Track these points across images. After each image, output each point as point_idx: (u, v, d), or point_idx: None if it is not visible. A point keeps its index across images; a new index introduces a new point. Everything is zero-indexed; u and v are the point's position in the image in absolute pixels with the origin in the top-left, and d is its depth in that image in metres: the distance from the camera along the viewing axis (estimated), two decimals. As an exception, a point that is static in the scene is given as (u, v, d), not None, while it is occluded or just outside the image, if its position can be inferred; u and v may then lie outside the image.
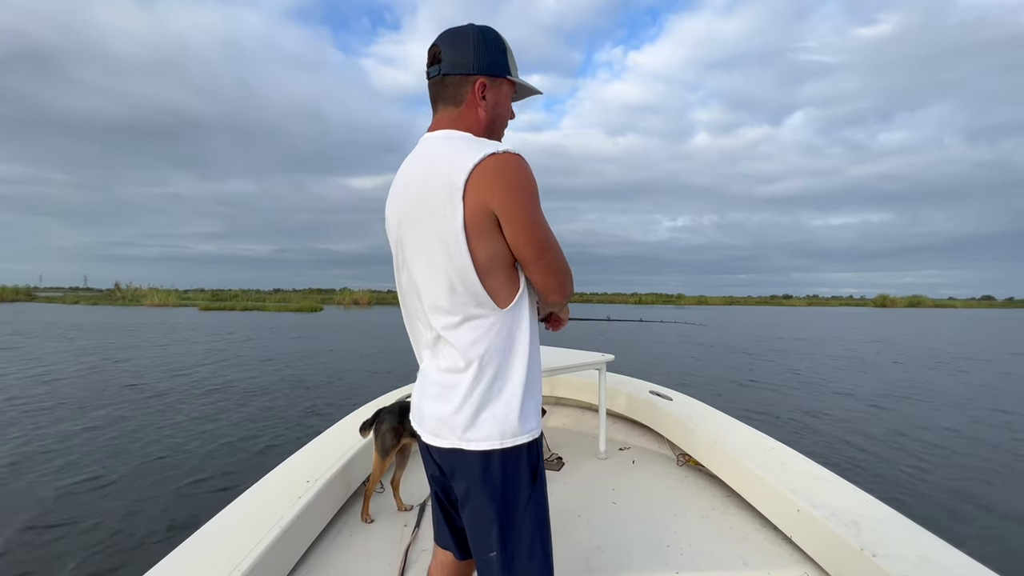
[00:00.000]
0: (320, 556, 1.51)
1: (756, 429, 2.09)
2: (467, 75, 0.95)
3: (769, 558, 1.51)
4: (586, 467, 2.24)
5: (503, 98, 1.00)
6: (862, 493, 1.53)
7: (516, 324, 0.93)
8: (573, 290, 1.03)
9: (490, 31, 0.98)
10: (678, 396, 2.54)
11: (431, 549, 1.55)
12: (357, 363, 9.38)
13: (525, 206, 0.87)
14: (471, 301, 0.90)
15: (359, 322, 22.11)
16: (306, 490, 1.53)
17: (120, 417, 5.24)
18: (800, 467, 1.72)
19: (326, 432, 2.09)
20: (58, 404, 5.77)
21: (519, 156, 0.88)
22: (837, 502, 1.46)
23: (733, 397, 6.46)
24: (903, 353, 12.42)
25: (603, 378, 2.36)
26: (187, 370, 8.24)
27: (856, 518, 1.37)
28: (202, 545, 1.25)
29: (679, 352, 11.80)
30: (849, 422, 5.22)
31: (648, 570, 1.45)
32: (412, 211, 0.93)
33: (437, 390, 0.96)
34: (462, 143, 0.90)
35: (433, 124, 0.99)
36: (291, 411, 5.65)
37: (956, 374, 9.21)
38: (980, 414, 5.89)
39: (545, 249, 0.91)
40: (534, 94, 1.08)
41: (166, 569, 1.14)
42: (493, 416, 0.91)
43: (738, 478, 1.82)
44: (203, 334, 14.83)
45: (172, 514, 2.98)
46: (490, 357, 0.91)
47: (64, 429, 4.76)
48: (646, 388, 2.67)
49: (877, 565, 1.18)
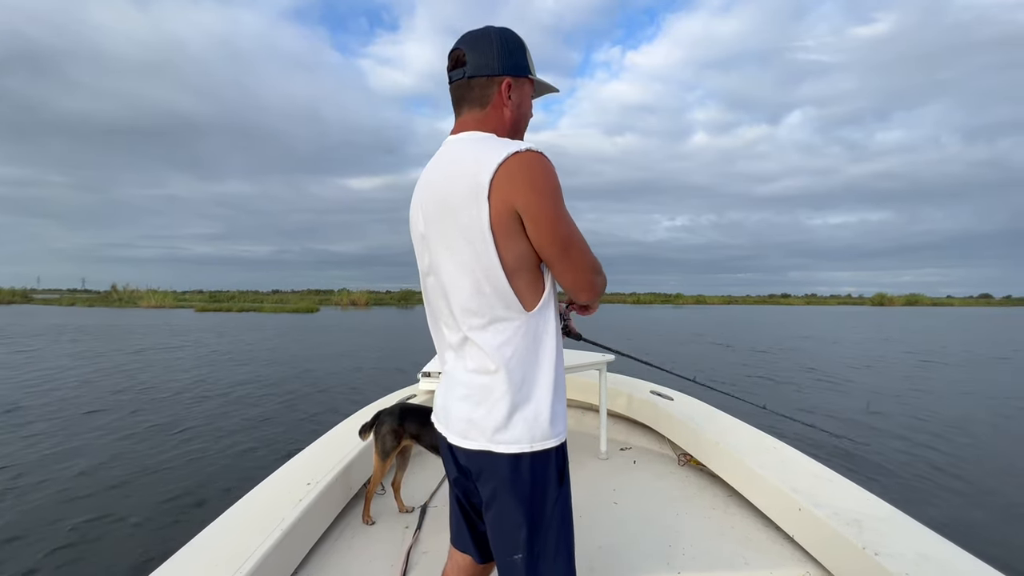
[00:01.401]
0: (322, 558, 1.50)
1: (757, 429, 2.09)
2: (493, 76, 0.96)
3: (771, 557, 1.51)
4: (587, 467, 2.24)
5: (526, 97, 1.01)
6: (864, 492, 1.53)
7: (542, 327, 0.93)
8: (605, 288, 1.03)
9: (510, 32, 0.99)
10: (679, 396, 2.54)
11: (432, 551, 1.55)
12: (349, 363, 9.34)
13: (548, 203, 0.87)
14: (499, 303, 0.90)
15: (355, 323, 22.09)
16: (307, 492, 1.52)
17: (153, 417, 5.24)
18: (801, 466, 1.72)
19: (326, 435, 2.08)
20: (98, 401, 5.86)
21: (542, 154, 0.88)
22: (838, 501, 1.46)
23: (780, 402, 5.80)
24: (915, 351, 12.38)
25: (603, 378, 2.36)
26: (188, 371, 8.24)
27: (858, 517, 1.37)
28: (205, 547, 1.25)
29: (702, 352, 11.83)
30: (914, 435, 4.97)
31: (650, 570, 1.45)
32: (437, 212, 0.93)
33: (465, 391, 0.95)
34: (486, 143, 0.91)
35: (457, 126, 1.00)
36: (290, 414, 5.64)
37: (978, 370, 9.15)
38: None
39: (570, 246, 0.90)
40: (552, 91, 1.09)
41: (169, 571, 1.14)
42: (524, 419, 0.91)
43: (739, 478, 1.82)
44: (199, 336, 14.79)
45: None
46: (519, 360, 0.91)
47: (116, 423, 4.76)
48: (647, 388, 2.68)
49: (879, 563, 1.18)
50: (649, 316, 32.43)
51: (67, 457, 4.05)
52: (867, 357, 11.20)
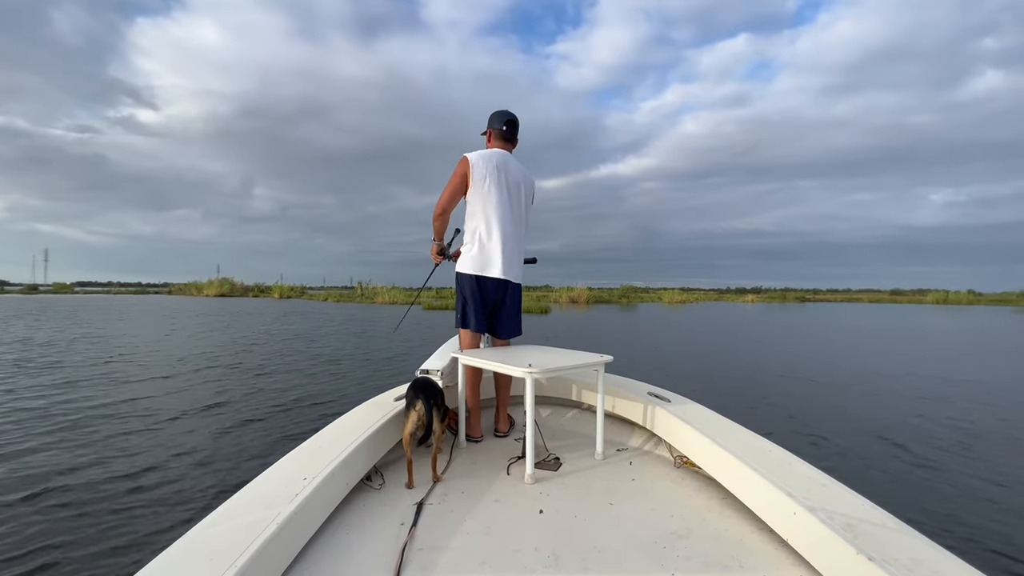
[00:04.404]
0: (316, 554, 1.52)
1: (753, 432, 2.08)
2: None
3: (765, 561, 1.52)
4: (583, 468, 2.25)
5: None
6: (858, 497, 1.53)
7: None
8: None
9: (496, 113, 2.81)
10: (676, 398, 2.54)
11: (428, 548, 1.56)
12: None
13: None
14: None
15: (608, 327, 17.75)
16: (304, 487, 1.53)
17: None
18: (797, 470, 1.72)
19: (325, 429, 2.09)
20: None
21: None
22: (833, 505, 1.46)
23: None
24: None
25: (601, 379, 2.37)
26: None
27: (851, 521, 1.37)
28: (198, 541, 1.25)
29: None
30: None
31: (644, 571, 1.46)
32: (517, 182, 2.70)
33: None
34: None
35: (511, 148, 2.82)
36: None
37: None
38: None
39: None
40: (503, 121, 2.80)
41: (160, 566, 1.15)
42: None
43: (735, 480, 1.82)
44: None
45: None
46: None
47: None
48: (644, 389, 2.68)
49: (872, 568, 1.18)
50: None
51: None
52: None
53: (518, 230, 2.72)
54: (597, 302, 38.42)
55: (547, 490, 2.01)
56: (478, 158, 2.58)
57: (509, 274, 2.67)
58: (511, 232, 2.68)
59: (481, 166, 2.57)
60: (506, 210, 2.63)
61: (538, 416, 2.94)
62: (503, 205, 2.62)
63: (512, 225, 2.69)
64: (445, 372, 2.55)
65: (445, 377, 2.54)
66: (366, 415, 2.26)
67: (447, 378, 2.57)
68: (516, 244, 2.72)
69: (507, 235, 2.65)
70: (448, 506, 1.87)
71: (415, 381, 2.24)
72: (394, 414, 2.26)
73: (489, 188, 2.57)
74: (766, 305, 44.76)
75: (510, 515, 1.80)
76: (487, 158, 2.59)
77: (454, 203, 2.65)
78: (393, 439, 2.23)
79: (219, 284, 49.67)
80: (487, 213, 2.59)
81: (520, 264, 2.79)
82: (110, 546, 2.63)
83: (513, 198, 2.66)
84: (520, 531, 1.68)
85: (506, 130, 2.72)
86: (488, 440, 2.68)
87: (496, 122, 2.73)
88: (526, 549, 1.56)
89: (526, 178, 2.73)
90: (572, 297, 38.26)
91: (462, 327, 2.71)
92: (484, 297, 2.65)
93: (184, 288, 54.73)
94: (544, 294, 41.85)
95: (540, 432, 2.57)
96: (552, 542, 1.60)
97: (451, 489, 2.02)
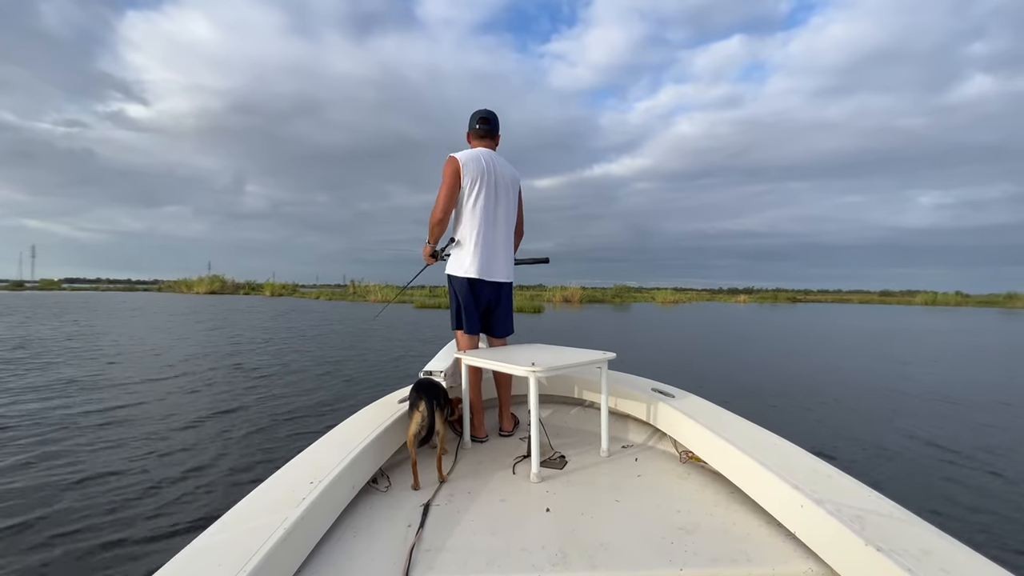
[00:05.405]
0: (324, 558, 1.50)
1: (759, 425, 2.09)
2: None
3: (773, 554, 1.52)
4: (589, 465, 2.25)
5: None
6: (866, 488, 1.54)
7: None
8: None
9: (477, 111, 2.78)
10: (679, 393, 2.55)
11: (435, 549, 1.55)
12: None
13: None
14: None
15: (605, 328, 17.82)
16: (310, 491, 1.52)
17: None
18: (803, 462, 1.73)
19: (330, 432, 2.08)
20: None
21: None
22: (840, 497, 1.47)
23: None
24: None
25: (605, 376, 2.37)
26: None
27: (859, 512, 1.38)
28: (207, 548, 1.24)
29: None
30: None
31: (652, 567, 1.46)
32: (505, 181, 2.66)
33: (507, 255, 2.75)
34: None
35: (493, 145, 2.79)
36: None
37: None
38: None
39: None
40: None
41: (171, 572, 1.13)
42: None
43: (741, 474, 1.82)
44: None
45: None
46: None
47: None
48: (647, 385, 2.68)
49: (881, 559, 1.18)
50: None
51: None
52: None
53: (509, 230, 2.75)
54: (590, 302, 38.41)
55: (553, 488, 2.00)
56: (467, 158, 2.55)
57: (502, 275, 2.68)
58: (503, 232, 2.68)
59: (471, 167, 2.53)
60: (497, 211, 2.63)
61: (541, 414, 2.93)
62: (494, 206, 2.61)
63: (504, 225, 2.69)
64: (448, 373, 2.54)
65: (448, 378, 2.53)
66: (371, 418, 2.24)
67: (450, 379, 2.56)
68: (507, 244, 2.73)
69: (499, 236, 2.66)
70: (455, 507, 1.86)
71: (418, 382, 2.27)
72: (398, 416, 2.25)
73: (479, 190, 2.55)
74: (758, 305, 45.18)
75: (517, 514, 1.80)
76: (475, 158, 2.56)
77: (453, 204, 2.60)
78: (398, 441, 2.21)
79: (210, 281, 49.52)
80: (477, 215, 2.57)
81: (511, 263, 2.80)
82: (118, 553, 2.60)
83: (502, 198, 2.64)
84: (527, 530, 1.68)
85: (480, 128, 2.69)
86: (492, 440, 2.67)
87: (472, 123, 2.72)
88: (534, 547, 1.56)
89: (513, 176, 2.73)
90: (565, 296, 38.04)
91: (457, 329, 2.71)
92: (478, 299, 2.65)
93: (174, 285, 54.62)
94: (537, 293, 41.51)
95: (544, 430, 2.57)
96: (559, 540, 1.60)
97: (457, 489, 2.01)
